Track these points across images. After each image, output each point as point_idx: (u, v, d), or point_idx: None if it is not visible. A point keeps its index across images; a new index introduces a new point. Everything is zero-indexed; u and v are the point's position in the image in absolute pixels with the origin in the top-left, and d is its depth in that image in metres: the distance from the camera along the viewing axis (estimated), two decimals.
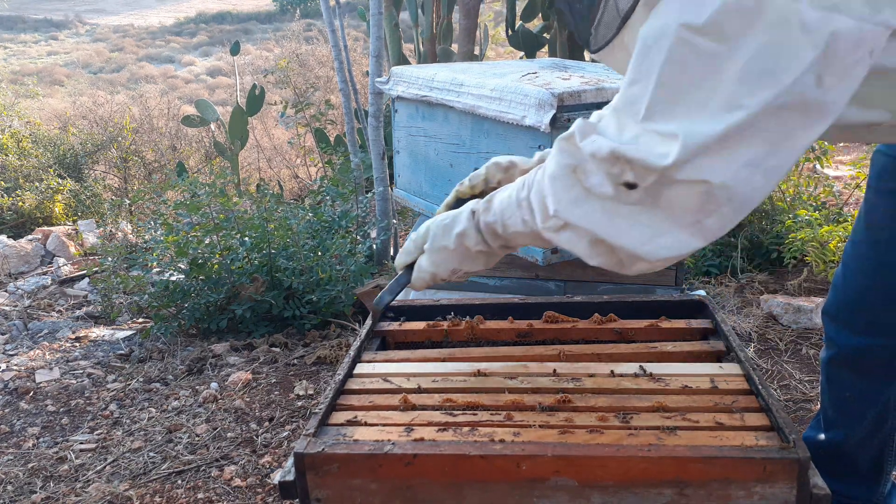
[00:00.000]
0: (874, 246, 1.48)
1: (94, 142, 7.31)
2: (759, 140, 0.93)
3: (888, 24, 0.89)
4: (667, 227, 1.00)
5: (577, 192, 1.04)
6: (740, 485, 1.08)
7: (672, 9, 0.93)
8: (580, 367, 1.41)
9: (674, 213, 0.99)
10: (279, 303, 3.30)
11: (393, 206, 4.20)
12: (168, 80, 20.26)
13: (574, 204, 1.04)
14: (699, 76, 0.92)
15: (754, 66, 0.89)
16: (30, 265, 5.16)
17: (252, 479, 2.17)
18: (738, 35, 0.89)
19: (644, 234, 1.01)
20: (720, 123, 0.91)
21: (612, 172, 0.99)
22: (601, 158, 0.99)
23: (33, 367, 3.13)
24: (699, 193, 0.96)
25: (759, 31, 0.88)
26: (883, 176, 1.46)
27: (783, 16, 0.87)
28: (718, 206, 0.96)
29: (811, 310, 2.94)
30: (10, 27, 30.69)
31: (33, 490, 2.20)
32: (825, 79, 0.89)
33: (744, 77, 0.90)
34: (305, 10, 26.50)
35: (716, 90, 0.91)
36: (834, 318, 1.59)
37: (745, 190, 0.96)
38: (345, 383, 1.39)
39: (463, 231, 1.26)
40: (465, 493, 1.13)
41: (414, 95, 2.80)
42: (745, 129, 0.92)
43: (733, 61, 0.90)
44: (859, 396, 1.58)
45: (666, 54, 0.93)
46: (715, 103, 0.91)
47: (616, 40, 1.05)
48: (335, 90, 7.28)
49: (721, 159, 0.93)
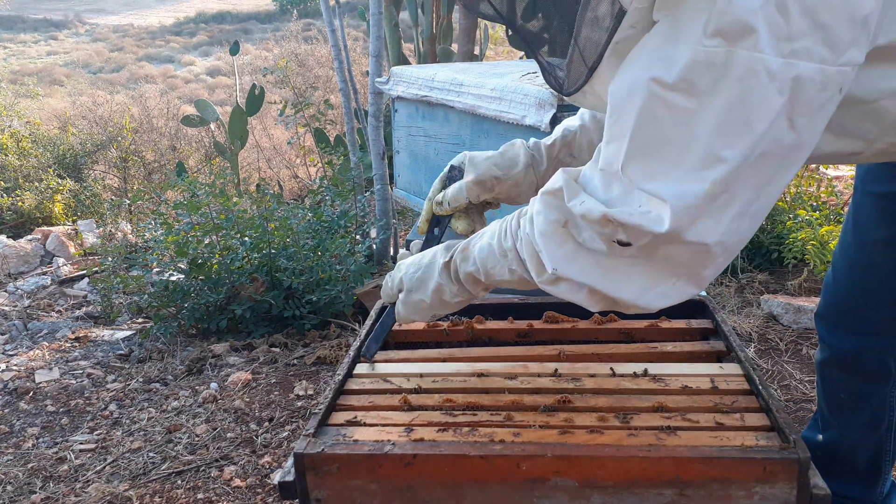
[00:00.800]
0: (862, 248, 1.49)
1: (93, 142, 7.32)
2: (744, 190, 0.94)
3: (853, 63, 0.91)
4: (663, 278, 1.01)
5: (570, 248, 1.04)
6: (740, 485, 1.08)
7: (641, 64, 0.93)
8: (580, 367, 1.40)
9: (670, 266, 1.00)
10: (279, 303, 3.29)
11: (393, 206, 4.20)
12: (168, 80, 20.27)
13: (568, 259, 1.04)
14: (673, 132, 0.92)
15: (728, 118, 0.90)
16: (29, 265, 5.16)
17: (252, 479, 2.17)
18: (709, 90, 0.90)
19: (640, 286, 1.02)
20: (705, 181, 0.92)
21: (603, 232, 0.99)
22: (592, 220, 1.00)
23: (33, 368, 3.13)
24: (696, 252, 0.97)
25: (729, 85, 0.89)
26: (868, 178, 1.46)
27: (750, 67, 0.88)
28: (714, 259, 0.98)
29: (811, 310, 2.94)
30: (9, 27, 30.69)
31: (33, 490, 2.20)
32: (796, 120, 0.91)
33: (719, 130, 0.91)
34: (305, 9, 26.52)
35: (691, 146, 0.92)
36: (826, 320, 1.59)
37: (735, 239, 0.98)
38: (345, 383, 1.39)
39: (438, 287, 1.26)
40: (465, 494, 1.13)
41: (414, 95, 2.80)
42: (730, 182, 0.92)
43: (706, 116, 0.91)
44: (854, 397, 1.58)
45: (638, 111, 0.93)
46: (692, 159, 0.92)
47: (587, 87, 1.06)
48: (335, 90, 7.29)
49: (713, 220, 0.94)
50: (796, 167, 0.96)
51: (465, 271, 1.23)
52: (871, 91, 1.00)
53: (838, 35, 0.88)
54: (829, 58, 0.89)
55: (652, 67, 0.92)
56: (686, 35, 0.89)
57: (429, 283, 1.27)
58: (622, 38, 0.96)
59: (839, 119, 0.99)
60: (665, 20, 0.92)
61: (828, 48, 0.89)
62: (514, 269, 1.15)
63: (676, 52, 0.90)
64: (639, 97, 0.93)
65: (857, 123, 1.04)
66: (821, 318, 1.61)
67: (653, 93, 0.92)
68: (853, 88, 0.96)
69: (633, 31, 0.95)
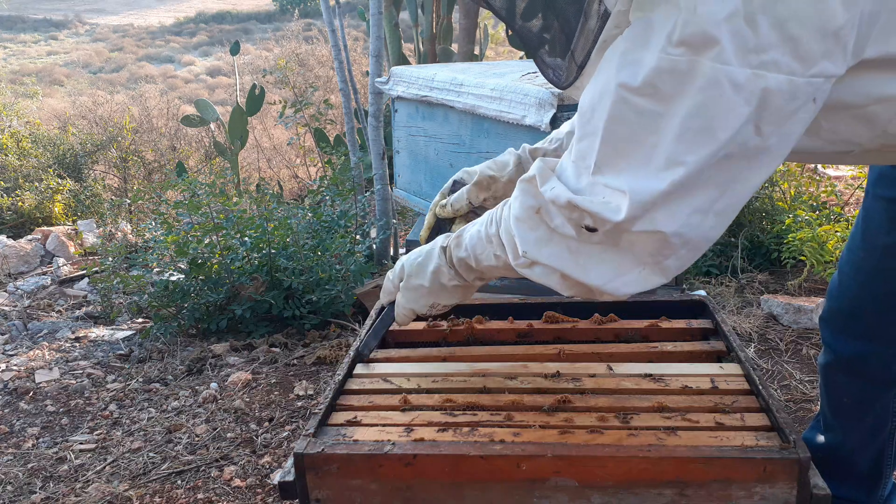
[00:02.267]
0: (871, 252, 1.48)
1: (93, 142, 7.32)
2: (704, 189, 0.97)
3: (826, 74, 0.93)
4: (629, 266, 1.05)
5: (542, 233, 1.08)
6: (741, 485, 1.08)
7: (610, 68, 0.98)
8: (580, 367, 1.40)
9: (634, 254, 1.04)
10: (279, 303, 3.29)
11: (392, 206, 4.20)
12: (168, 80, 20.28)
13: (540, 244, 1.09)
14: (640, 133, 0.97)
15: (691, 125, 0.93)
16: (29, 265, 5.16)
17: (252, 479, 2.16)
18: (672, 96, 0.93)
19: (608, 272, 1.06)
20: (663, 181, 0.96)
21: (571, 217, 1.04)
22: (559, 206, 1.05)
23: (33, 368, 3.13)
24: (655, 240, 1.01)
25: (692, 93, 0.92)
26: (880, 182, 1.45)
27: (713, 78, 0.91)
28: (675, 250, 1.02)
29: (811, 310, 2.94)
30: (9, 27, 30.70)
31: (33, 490, 2.20)
32: (763, 128, 0.94)
33: (682, 135, 0.94)
34: (305, 9, 26.53)
35: (656, 147, 0.96)
36: (830, 324, 1.58)
37: (697, 233, 1.01)
38: (345, 383, 1.39)
39: (436, 268, 1.30)
40: (465, 494, 1.13)
41: (414, 95, 2.80)
42: (688, 184, 0.96)
43: (671, 120, 0.94)
44: (857, 401, 1.58)
45: (608, 112, 0.98)
46: (657, 160, 0.96)
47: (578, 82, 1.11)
48: (335, 90, 7.29)
49: (669, 211, 0.98)
50: (767, 169, 0.99)
51: (457, 256, 1.27)
52: (861, 97, 1.01)
53: (808, 47, 0.90)
54: (798, 69, 0.91)
55: (620, 72, 0.96)
56: (654, 42, 0.93)
57: (428, 265, 1.31)
58: (607, 37, 1.01)
59: (831, 124, 1.02)
60: (638, 24, 0.95)
61: (797, 60, 0.91)
62: (498, 254, 1.19)
63: (643, 57, 0.94)
64: (608, 99, 0.97)
65: (850, 127, 1.05)
66: (825, 321, 1.60)
67: (621, 96, 0.96)
68: (844, 95, 0.98)
69: (616, 31, 1.00)
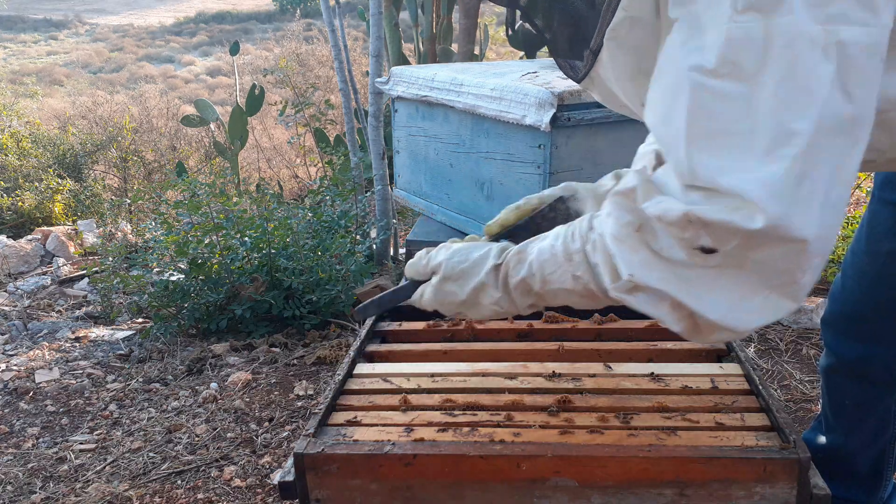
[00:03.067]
0: (875, 257, 1.47)
1: (93, 142, 7.32)
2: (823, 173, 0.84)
3: (887, 25, 0.85)
4: (753, 291, 0.89)
5: (645, 255, 0.92)
6: (741, 485, 1.08)
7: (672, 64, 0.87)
8: (580, 367, 1.40)
9: (762, 276, 0.88)
10: (279, 303, 3.29)
11: (393, 206, 4.20)
12: (168, 80, 20.29)
13: (645, 266, 0.92)
14: (732, 121, 0.84)
15: (787, 89, 0.82)
16: (29, 265, 5.16)
17: (252, 479, 2.16)
18: (757, 68, 0.83)
19: (728, 302, 0.90)
20: (784, 159, 0.82)
21: (683, 237, 0.88)
22: (670, 222, 0.89)
23: (33, 368, 3.13)
24: (793, 253, 0.85)
25: (775, 56, 0.82)
26: (887, 187, 1.44)
27: (790, 37, 0.82)
28: (811, 260, 0.86)
29: (812, 310, 2.94)
30: (9, 27, 30.71)
31: (33, 490, 2.20)
32: (851, 90, 0.83)
33: (783, 103, 0.82)
34: (305, 9, 26.54)
35: (757, 128, 0.83)
36: (832, 327, 1.58)
37: (831, 234, 0.87)
38: (345, 383, 1.39)
39: (479, 286, 1.13)
40: (465, 494, 1.13)
41: (414, 95, 2.80)
42: (808, 159, 0.83)
43: (762, 92, 0.83)
44: (859, 404, 1.58)
45: (687, 108, 0.86)
46: (764, 141, 0.83)
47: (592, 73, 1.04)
48: (335, 90, 7.28)
49: (806, 207, 0.83)
50: (861, 146, 0.86)
51: (517, 277, 1.09)
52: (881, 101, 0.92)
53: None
54: (869, 18, 0.82)
55: (687, 58, 0.85)
56: (712, 20, 0.84)
57: (471, 278, 1.14)
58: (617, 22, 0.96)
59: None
60: (684, 18, 0.87)
61: (865, 9, 0.83)
62: (578, 275, 1.01)
63: (708, 37, 0.84)
64: (683, 94, 0.86)
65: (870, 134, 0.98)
66: (827, 324, 1.59)
67: (697, 82, 0.85)
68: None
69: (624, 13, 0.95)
